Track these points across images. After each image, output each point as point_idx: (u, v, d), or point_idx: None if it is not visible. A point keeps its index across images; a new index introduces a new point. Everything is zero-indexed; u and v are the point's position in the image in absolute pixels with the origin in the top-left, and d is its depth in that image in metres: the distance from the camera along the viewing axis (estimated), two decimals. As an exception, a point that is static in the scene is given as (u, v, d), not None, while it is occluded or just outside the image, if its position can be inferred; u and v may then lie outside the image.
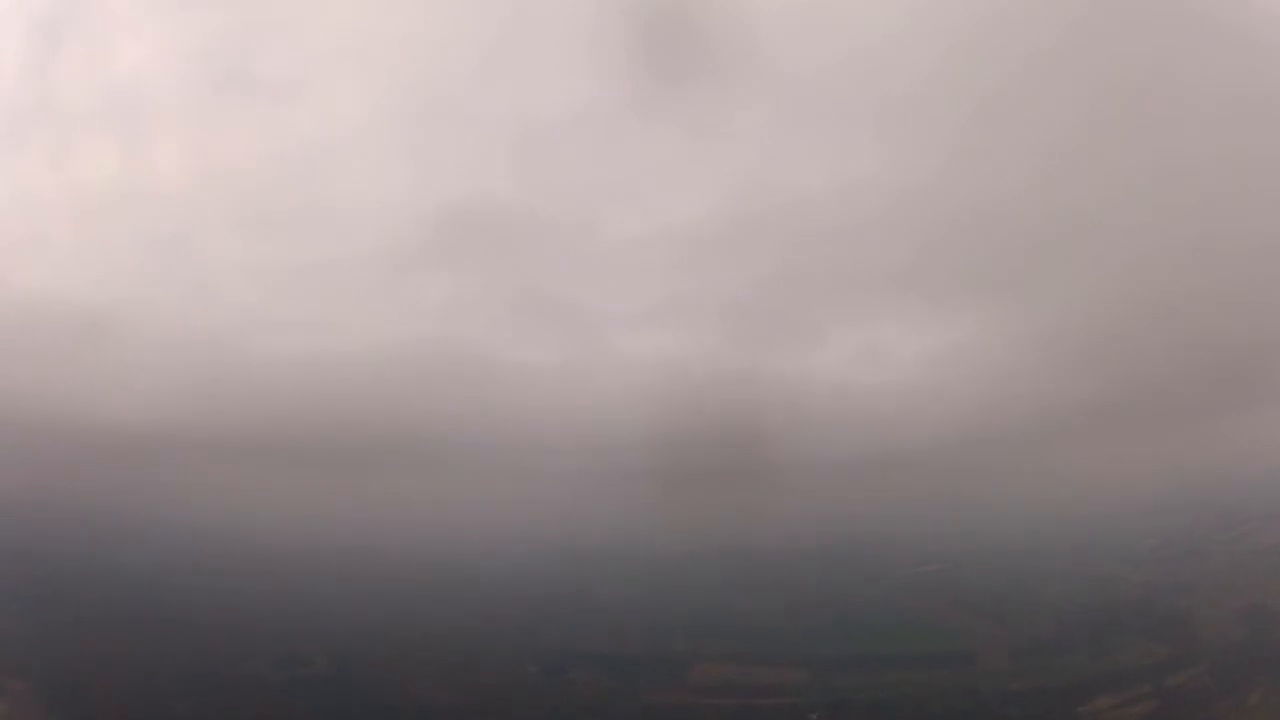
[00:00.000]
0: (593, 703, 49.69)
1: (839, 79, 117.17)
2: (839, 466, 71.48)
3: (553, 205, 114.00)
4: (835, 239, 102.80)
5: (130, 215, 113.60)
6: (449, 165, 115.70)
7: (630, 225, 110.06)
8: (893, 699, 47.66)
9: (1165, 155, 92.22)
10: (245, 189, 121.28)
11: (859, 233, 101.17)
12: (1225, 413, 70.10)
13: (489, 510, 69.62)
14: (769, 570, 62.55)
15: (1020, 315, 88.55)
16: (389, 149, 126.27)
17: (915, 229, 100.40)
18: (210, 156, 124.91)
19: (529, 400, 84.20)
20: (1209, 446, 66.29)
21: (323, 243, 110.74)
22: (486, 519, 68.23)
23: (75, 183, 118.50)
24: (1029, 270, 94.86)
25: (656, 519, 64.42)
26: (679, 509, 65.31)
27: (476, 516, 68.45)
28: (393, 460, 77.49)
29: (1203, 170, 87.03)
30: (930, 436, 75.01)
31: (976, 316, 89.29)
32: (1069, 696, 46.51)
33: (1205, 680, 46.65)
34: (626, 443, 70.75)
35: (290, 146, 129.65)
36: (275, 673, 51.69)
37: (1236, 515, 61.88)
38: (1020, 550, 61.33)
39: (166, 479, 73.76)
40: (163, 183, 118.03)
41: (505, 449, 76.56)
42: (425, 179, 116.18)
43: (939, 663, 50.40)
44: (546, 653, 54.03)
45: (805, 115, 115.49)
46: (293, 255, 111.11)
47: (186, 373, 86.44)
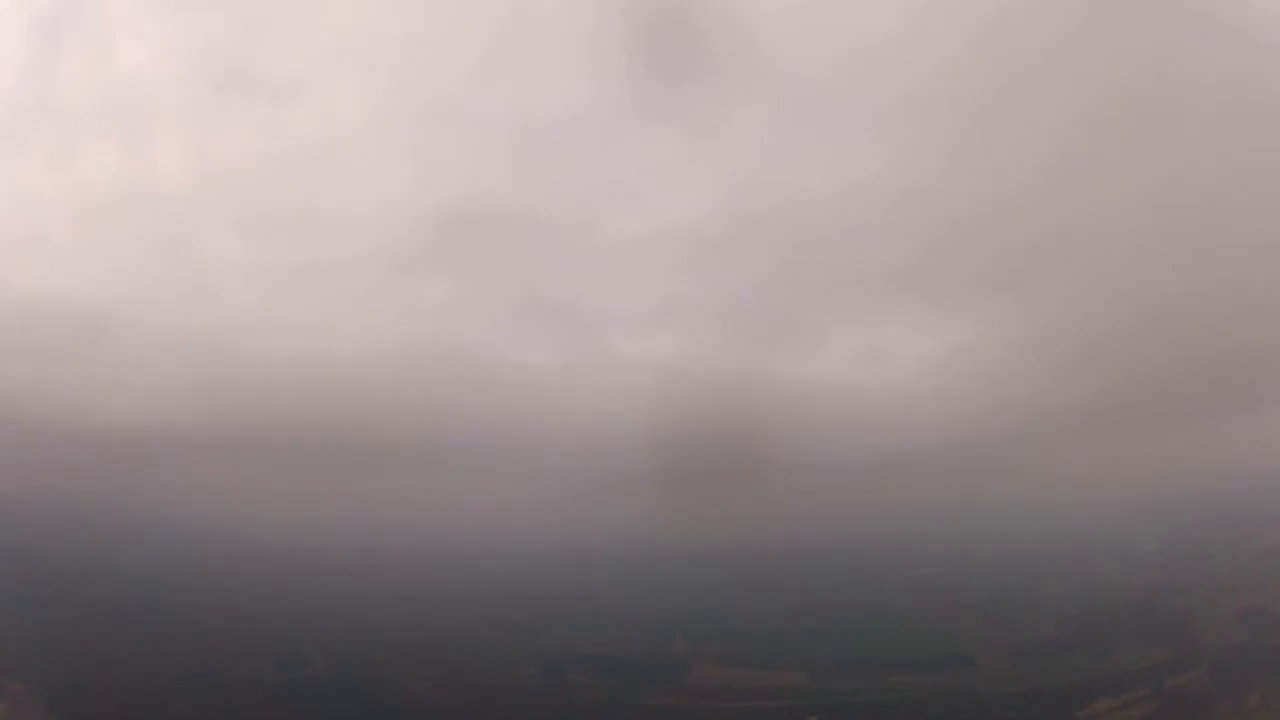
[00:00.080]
0: (592, 704, 49.74)
1: (839, 79, 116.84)
2: (839, 468, 71.27)
3: (553, 206, 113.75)
4: (836, 240, 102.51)
5: (130, 215, 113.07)
6: (449, 165, 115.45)
7: (630, 226, 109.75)
8: (892, 701, 47.72)
9: (1166, 156, 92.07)
10: (245, 189, 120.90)
11: (860, 233, 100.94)
12: (1226, 415, 69.91)
13: (489, 511, 69.49)
14: (769, 572, 62.51)
15: (1022, 316, 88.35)
16: (389, 149, 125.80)
17: (916, 230, 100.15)
18: (210, 156, 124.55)
19: (529, 401, 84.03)
20: (1210, 448, 66.15)
21: (323, 243, 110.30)
22: (486, 520, 68.10)
23: (75, 183, 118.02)
24: (1030, 271, 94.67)
25: (656, 520, 64.33)
26: (679, 510, 65.23)
27: (476, 517, 68.32)
28: (392, 461, 77.37)
29: (1203, 171, 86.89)
30: (931, 438, 74.76)
31: (978, 317, 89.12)
32: (1069, 698, 46.55)
33: (1205, 682, 46.64)
34: (626, 444, 70.56)
35: (290, 147, 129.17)
36: (275, 673, 51.77)
37: (1237, 517, 61.76)
38: (1020, 552, 61.27)
39: (166, 479, 73.57)
40: (163, 183, 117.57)
41: (505, 449, 76.40)
42: (425, 179, 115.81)
43: (939, 665, 50.44)
44: (546, 654, 54.07)
45: (805, 116, 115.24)
46: (293, 256, 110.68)
47: (186, 373, 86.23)
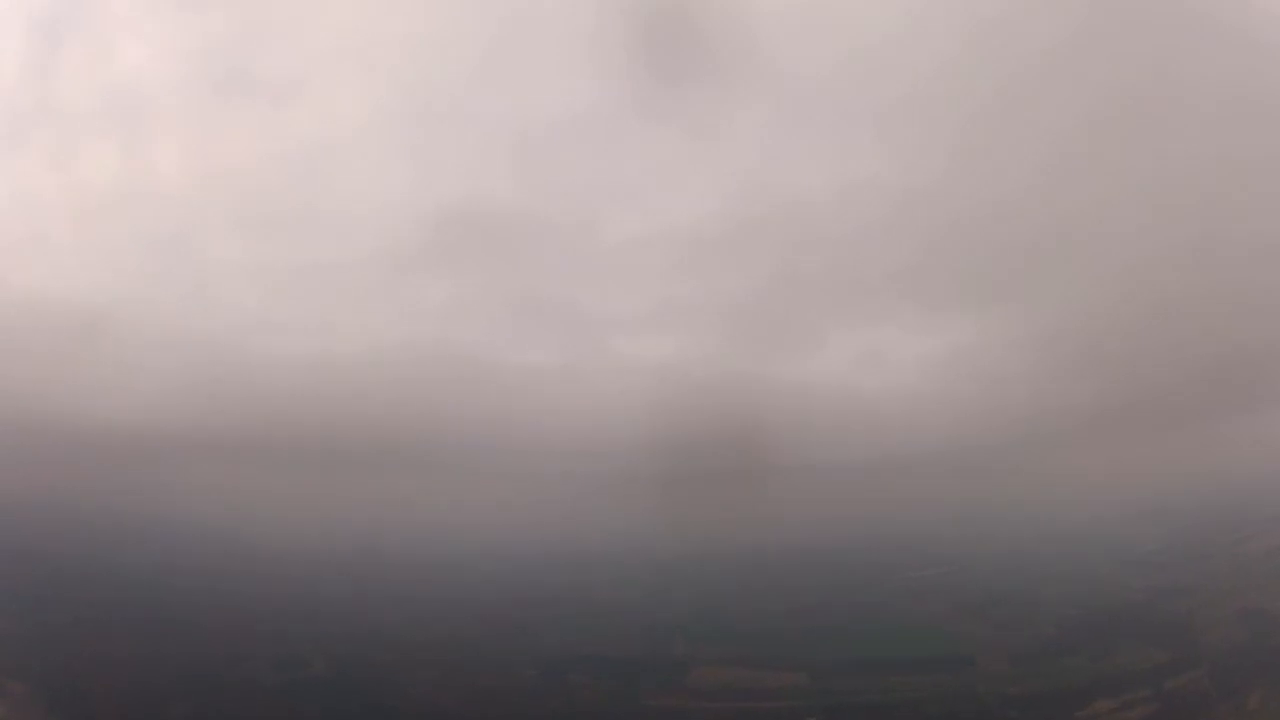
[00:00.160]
0: (592, 705, 49.69)
1: (839, 80, 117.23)
2: (839, 469, 71.37)
3: (553, 206, 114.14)
4: (836, 241, 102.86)
5: (130, 215, 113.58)
6: (449, 166, 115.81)
7: (630, 227, 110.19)
8: (892, 702, 47.66)
9: (1166, 157, 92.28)
10: (245, 189, 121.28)
11: (860, 235, 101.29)
12: (1226, 416, 69.99)
13: (488, 512, 69.54)
14: (768, 573, 62.50)
15: (1021, 318, 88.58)
16: (389, 149, 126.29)
17: (916, 231, 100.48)
18: (210, 156, 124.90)
19: (528, 402, 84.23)
20: (1210, 450, 66.20)
21: (322, 243, 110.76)
22: (486, 521, 68.14)
23: (75, 183, 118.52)
24: (1030, 273, 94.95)
25: (656, 521, 64.38)
26: (679, 511, 65.27)
27: (476, 518, 68.37)
28: (392, 462, 77.42)
29: (1203, 172, 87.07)
30: (931, 439, 74.91)
31: (977, 319, 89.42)
32: (1069, 700, 46.51)
33: (1205, 684, 46.62)
34: (626, 445, 70.67)
35: (290, 147, 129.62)
36: (274, 674, 51.69)
37: (1237, 519, 61.69)
38: (1020, 553, 61.28)
39: (166, 479, 73.65)
40: (163, 183, 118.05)
41: (504, 451, 76.52)
42: (425, 180, 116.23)
43: (939, 666, 50.36)
44: (545, 655, 54.00)
45: (806, 116, 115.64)
46: (293, 256, 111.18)
47: (186, 373, 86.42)
